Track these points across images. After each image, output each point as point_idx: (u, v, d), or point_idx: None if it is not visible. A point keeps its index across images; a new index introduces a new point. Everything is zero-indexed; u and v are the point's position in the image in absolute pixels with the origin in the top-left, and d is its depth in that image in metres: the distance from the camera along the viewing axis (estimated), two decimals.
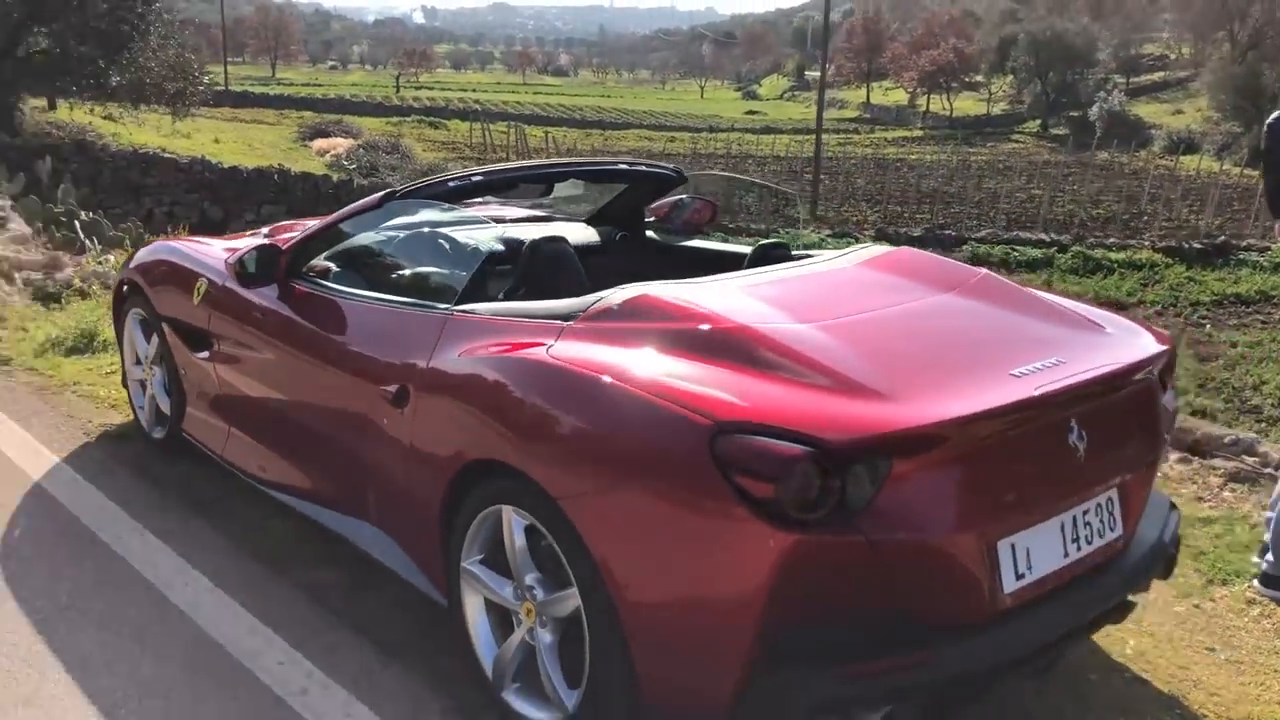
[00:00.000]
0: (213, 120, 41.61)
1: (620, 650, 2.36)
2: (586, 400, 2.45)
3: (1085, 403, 2.49)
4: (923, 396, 2.32)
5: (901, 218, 29.17)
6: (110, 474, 4.11)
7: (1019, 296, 2.98)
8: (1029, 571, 2.40)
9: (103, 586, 3.28)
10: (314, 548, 3.52)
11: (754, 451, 2.17)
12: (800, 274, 3.07)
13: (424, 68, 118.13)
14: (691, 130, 63.18)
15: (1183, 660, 3.12)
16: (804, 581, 2.18)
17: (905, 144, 59.31)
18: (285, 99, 64.46)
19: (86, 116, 24.69)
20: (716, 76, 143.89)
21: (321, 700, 2.75)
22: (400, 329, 3.08)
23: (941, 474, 2.26)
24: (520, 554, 2.60)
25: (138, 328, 4.40)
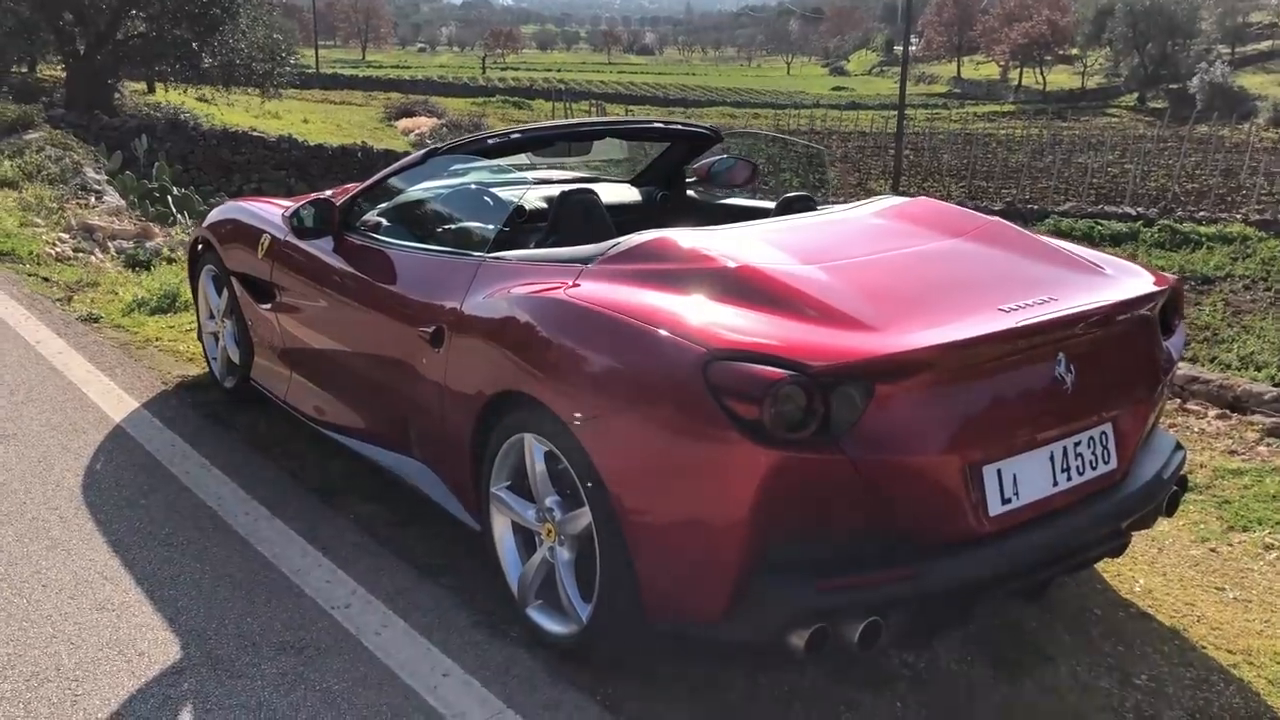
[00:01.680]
0: (303, 101, 42.70)
1: (625, 564, 2.55)
2: (595, 332, 2.63)
3: (1073, 337, 2.60)
4: (906, 327, 2.45)
5: (986, 192, 28.77)
6: (183, 418, 4.42)
7: (1025, 242, 3.07)
8: (1015, 497, 2.52)
9: (171, 513, 3.57)
10: (366, 483, 3.77)
11: (742, 376, 2.33)
12: (814, 222, 3.21)
13: (510, 48, 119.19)
14: (775, 107, 62.80)
15: (1190, 598, 3.20)
16: (789, 498, 2.34)
17: (995, 119, 58.20)
18: (373, 81, 65.74)
19: (181, 98, 25.62)
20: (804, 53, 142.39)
21: (361, 612, 2.99)
22: (439, 275, 3.29)
23: (924, 399, 2.39)
24: (541, 478, 2.80)
25: (210, 283, 4.71)
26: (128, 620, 2.93)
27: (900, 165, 29.99)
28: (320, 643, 2.85)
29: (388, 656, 2.79)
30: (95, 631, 2.87)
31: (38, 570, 3.18)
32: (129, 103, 23.24)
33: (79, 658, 2.75)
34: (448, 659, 2.79)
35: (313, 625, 2.93)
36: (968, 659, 2.84)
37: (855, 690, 2.70)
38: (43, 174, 10.06)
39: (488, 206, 3.57)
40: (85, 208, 9.27)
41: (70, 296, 6.32)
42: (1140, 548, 3.49)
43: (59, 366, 4.99)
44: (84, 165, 10.56)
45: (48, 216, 8.73)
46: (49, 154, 10.56)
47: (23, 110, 12.70)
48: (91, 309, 6.04)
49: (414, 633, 2.90)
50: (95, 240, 8.31)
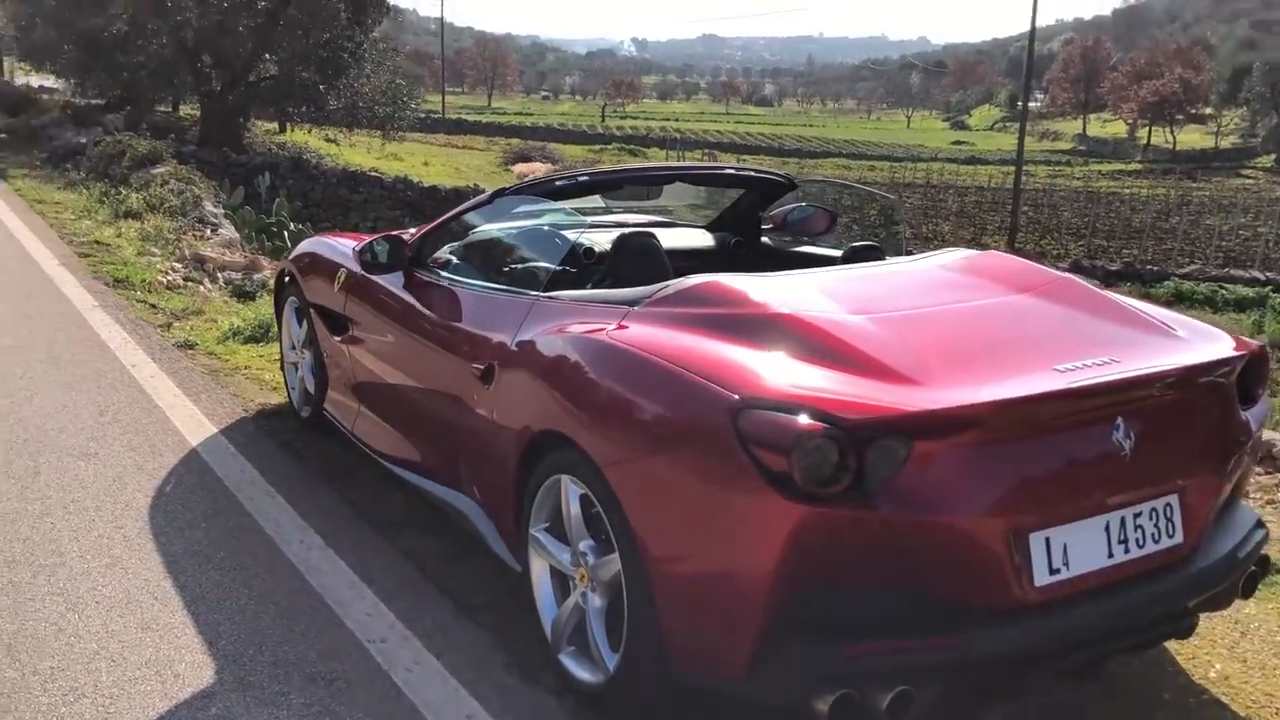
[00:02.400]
0: (426, 145, 43.99)
1: (651, 614, 2.48)
2: (630, 374, 2.59)
3: (1133, 401, 2.46)
4: (951, 383, 2.35)
5: (1106, 252, 27.93)
6: (258, 445, 4.52)
7: (1094, 300, 2.94)
8: (1065, 567, 2.38)
9: (230, 537, 3.63)
10: (423, 518, 3.77)
11: (772, 425, 2.26)
12: (874, 272, 3.12)
13: (630, 98, 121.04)
14: (892, 159, 62.28)
15: (1271, 688, 2.97)
16: (817, 554, 2.25)
17: (1120, 177, 56.63)
18: (496, 127, 67.45)
19: (309, 138, 26.66)
20: (925, 106, 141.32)
21: (396, 648, 2.98)
22: (494, 313, 3.30)
23: (966, 459, 2.28)
24: (576, 521, 2.76)
25: (293, 314, 4.82)
26: (170, 641, 2.97)
27: (1017, 221, 29.34)
28: (351, 676, 2.84)
29: (415, 694, 2.77)
30: (137, 650, 2.92)
31: (94, 587, 3.25)
32: (259, 141, 24.25)
33: (117, 675, 2.80)
34: (474, 701, 2.75)
35: (347, 658, 2.93)
36: None
37: None
38: (165, 206, 10.53)
39: (546, 247, 3.58)
40: (200, 239, 9.65)
41: (170, 323, 6.56)
42: (1221, 630, 3.27)
43: (148, 390, 5.16)
44: (204, 199, 11.02)
45: (164, 246, 9.12)
46: (172, 187, 11.06)
47: (153, 146, 13.37)
48: (189, 336, 6.25)
49: (445, 672, 2.88)
50: (205, 270, 8.63)
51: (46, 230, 9.57)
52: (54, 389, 5.12)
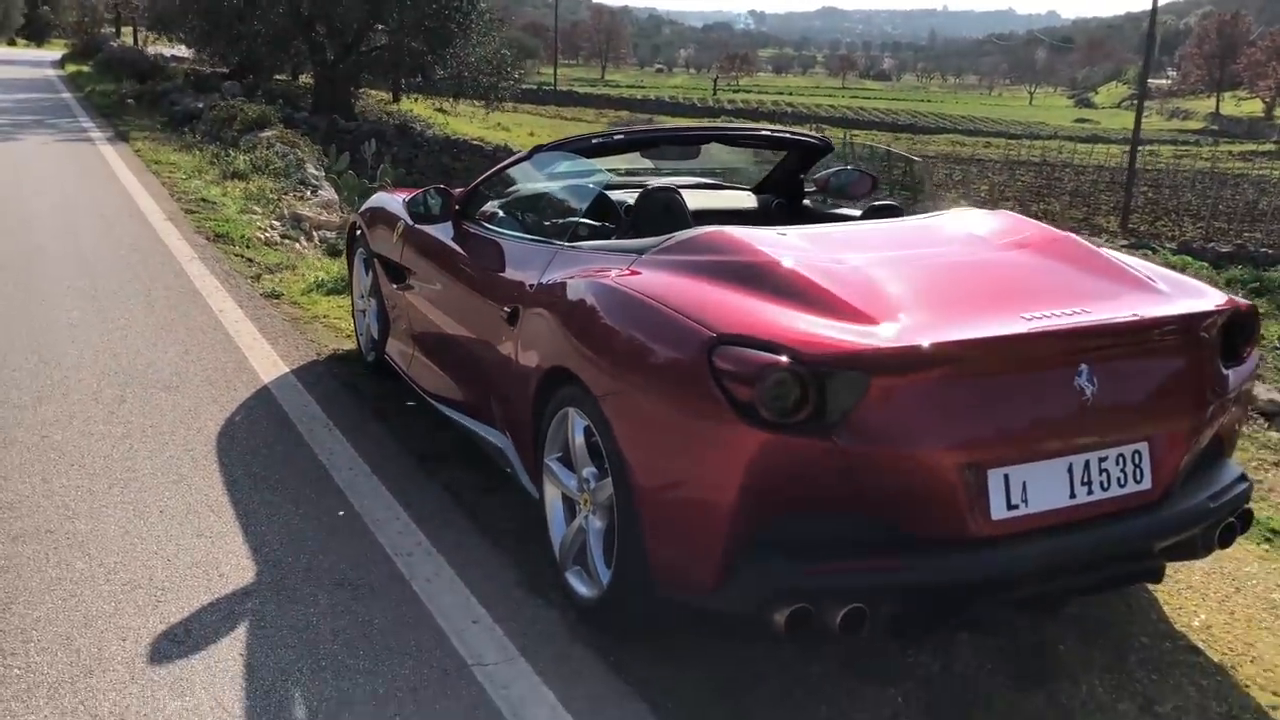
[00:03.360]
0: (535, 116, 44.56)
1: (637, 534, 2.70)
2: (624, 314, 2.80)
3: (1097, 349, 2.57)
4: (915, 325, 2.50)
5: (1226, 234, 26.90)
6: (323, 384, 4.86)
7: (1085, 257, 3.03)
8: (1024, 504, 2.51)
9: (285, 463, 3.96)
10: (465, 454, 4.05)
11: (741, 360, 2.45)
12: (876, 227, 3.26)
13: (744, 71, 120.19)
14: (1009, 136, 60.65)
15: (1252, 638, 3.05)
16: (780, 480, 2.44)
17: (1252, 159, 54.14)
18: (607, 99, 67.76)
19: (421, 108, 27.36)
20: (1049, 83, 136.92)
21: (420, 562, 3.26)
22: (522, 260, 3.54)
23: (923, 396, 2.43)
24: (580, 450, 2.99)
25: (361, 265, 5.15)
26: (219, 546, 3.30)
27: (1130, 201, 28.43)
28: (375, 583, 3.13)
29: (430, 600, 3.04)
30: (190, 553, 3.26)
31: (160, 499, 3.61)
32: (371, 109, 25.00)
33: (169, 573, 3.14)
34: (482, 608, 3.01)
35: (374, 568, 3.22)
36: (986, 667, 2.83)
37: (861, 682, 2.74)
38: (270, 168, 11.07)
39: (574, 200, 3.80)
40: (300, 200, 10.14)
41: (260, 275, 6.98)
42: (1215, 585, 3.34)
43: (231, 333, 5.56)
44: (306, 162, 11.54)
45: (265, 206, 9.62)
46: (278, 150, 11.60)
47: (262, 110, 14.00)
48: (276, 287, 6.66)
49: (460, 583, 3.15)
50: (302, 229, 9.08)
51: (159, 188, 10.18)
52: (147, 329, 5.56)
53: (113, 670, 2.66)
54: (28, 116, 17.05)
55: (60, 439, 4.10)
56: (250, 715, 2.51)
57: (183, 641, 2.79)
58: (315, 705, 2.56)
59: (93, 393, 4.59)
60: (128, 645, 2.77)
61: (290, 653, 2.76)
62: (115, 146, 13.48)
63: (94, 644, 2.77)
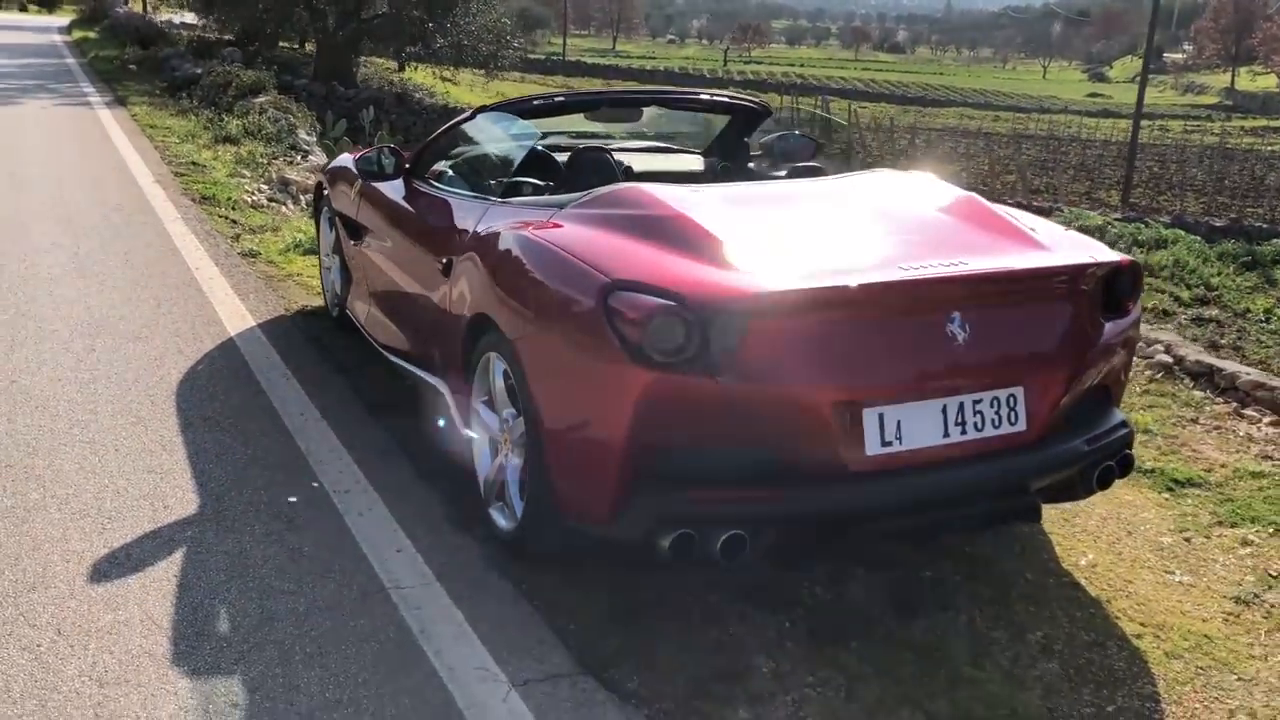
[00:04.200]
0: (543, 86, 44.43)
1: (544, 468, 2.89)
2: (534, 262, 2.99)
3: (970, 298, 2.74)
4: (794, 274, 2.68)
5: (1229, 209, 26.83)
6: (288, 337, 5.06)
7: (978, 214, 3.19)
8: (898, 441, 2.69)
9: (241, 408, 4.17)
10: (415, 403, 4.24)
11: (631, 303, 2.63)
12: (785, 187, 3.44)
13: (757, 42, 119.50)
14: (1019, 110, 60.25)
15: (1132, 577, 3.24)
16: (665, 415, 2.63)
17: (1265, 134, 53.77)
18: (615, 69, 67.52)
19: (427, 77, 27.40)
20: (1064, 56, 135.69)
21: (355, 497, 3.46)
22: (459, 215, 3.72)
23: (801, 338, 2.62)
24: (500, 393, 3.18)
25: (326, 223, 5.33)
26: (168, 481, 3.51)
27: (1131, 175, 28.33)
28: (310, 516, 3.33)
29: (359, 532, 3.25)
30: (139, 486, 3.46)
31: (117, 439, 3.82)
32: (374, 77, 25.09)
33: (118, 504, 3.35)
34: (407, 540, 3.22)
35: (312, 503, 3.42)
36: (874, 599, 3.02)
37: (753, 607, 2.94)
38: (262, 133, 11.23)
39: (509, 158, 3.96)
40: (290, 164, 10.30)
41: (239, 235, 7.17)
42: (1109, 529, 3.52)
43: (205, 289, 5.75)
44: (298, 127, 11.70)
45: (255, 169, 9.79)
46: (270, 116, 11.76)
47: (257, 76, 14.14)
48: (254, 246, 6.85)
49: (390, 517, 3.35)
50: (289, 193, 9.25)
51: (151, 151, 10.36)
52: (123, 284, 5.76)
53: (54, 587, 2.87)
54: (30, 81, 17.22)
55: (28, 383, 4.30)
56: (177, 627, 2.71)
57: (122, 564, 3.00)
58: (239, 620, 2.77)
59: (64, 342, 4.80)
60: (70, 566, 2.98)
61: (222, 575, 2.97)
62: (113, 110, 13.66)
63: (39, 565, 2.98)
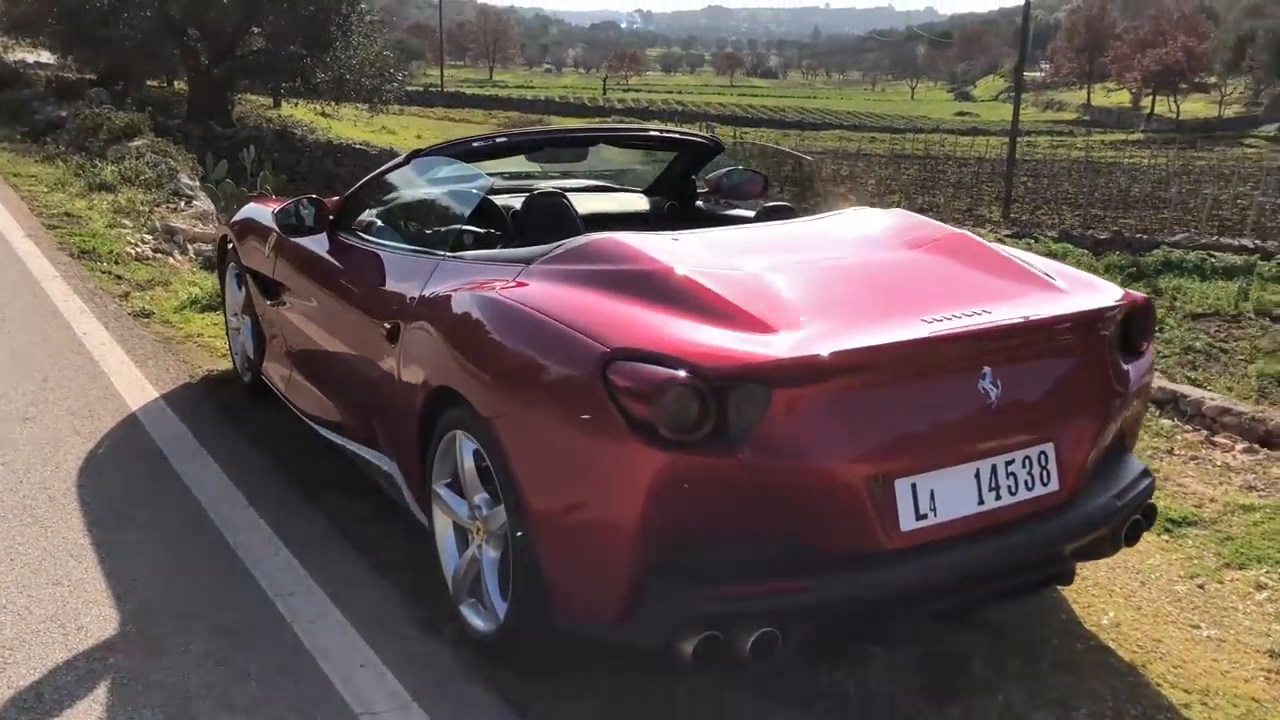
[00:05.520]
0: (423, 119, 43.88)
1: (534, 562, 2.53)
2: (512, 329, 2.63)
3: (999, 351, 2.49)
4: (813, 333, 2.39)
5: (1102, 221, 27.78)
6: (197, 409, 4.57)
7: (982, 255, 2.96)
8: (933, 513, 2.42)
9: (154, 497, 3.68)
10: (348, 480, 3.82)
11: (637, 375, 2.30)
12: (770, 231, 3.16)
13: (633, 70, 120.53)
14: (894, 131, 61.92)
15: (1160, 634, 3.02)
16: (682, 502, 2.30)
17: (1124, 147, 56.18)
18: (496, 100, 67.19)
19: (303, 112, 26.59)
20: (930, 78, 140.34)
21: (303, 602, 3.03)
22: (402, 273, 3.34)
23: (827, 406, 2.32)
24: (470, 475, 2.81)
25: (233, 280, 4.86)
26: (79, 596, 3.03)
27: (1010, 191, 29.21)
28: (254, 628, 2.90)
29: (314, 645, 2.83)
30: (44, 605, 2.97)
31: (10, 546, 3.31)
32: (250, 115, 24.23)
33: (20, 629, 2.85)
34: (370, 650, 2.81)
35: (253, 611, 2.98)
36: (901, 683, 2.73)
37: (773, 705, 2.62)
38: (140, 179, 10.55)
39: (456, 208, 3.60)
40: (174, 211, 9.67)
41: (129, 293, 6.59)
42: (1121, 580, 3.32)
43: (95, 356, 5.20)
44: (179, 171, 11.03)
45: (136, 219, 9.13)
46: (148, 160, 11.07)
47: (130, 119, 13.36)
48: (146, 305, 6.29)
49: (346, 624, 2.93)
50: (176, 242, 8.65)
51: (18, 203, 9.59)
52: (0, 356, 5.17)
53: None
54: None
55: None
56: None
57: (31, 709, 2.53)
58: None
59: None
60: None
61: (156, 714, 2.52)
62: None
63: None
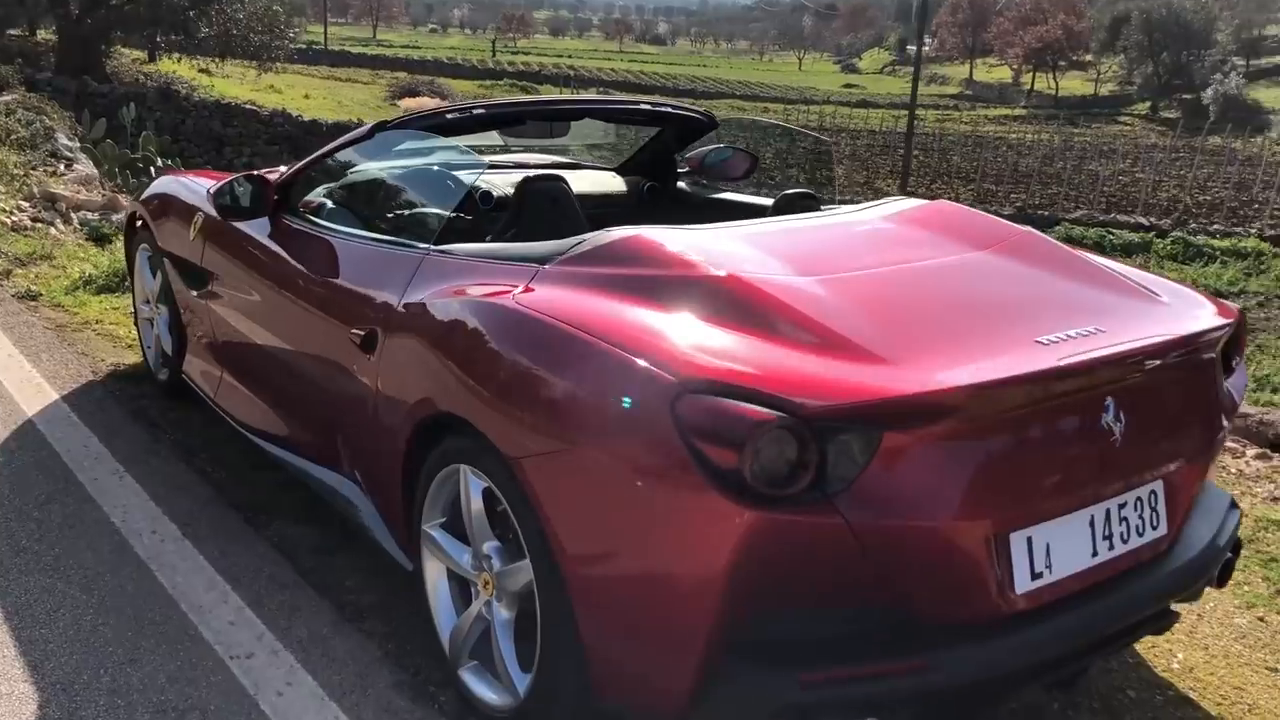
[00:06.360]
0: (307, 77, 42.13)
1: (569, 632, 2.09)
2: (546, 351, 2.16)
3: (1124, 379, 2.14)
4: (925, 361, 1.99)
5: (995, 196, 28.24)
6: (105, 414, 3.96)
7: (1064, 258, 2.61)
8: (1048, 570, 2.06)
9: (67, 530, 3.11)
10: (295, 501, 3.31)
11: (719, 415, 1.87)
12: (816, 225, 2.74)
13: (522, 33, 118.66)
14: (785, 101, 62.23)
15: (1238, 679, 2.74)
16: (771, 568, 1.88)
17: (1006, 122, 57.58)
18: (382, 59, 65.20)
19: (182, 69, 25.08)
20: (816, 49, 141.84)
21: (265, 665, 2.53)
22: (375, 269, 2.84)
23: (943, 451, 1.93)
24: (477, 519, 2.35)
25: (145, 264, 4.25)
26: None
27: (909, 165, 29.47)
28: (209, 704, 2.39)
29: None
30: None
31: None
32: (125, 70, 22.71)
33: None
34: None
35: (204, 680, 2.47)
36: None
37: None
38: (12, 139, 9.57)
39: (436, 191, 3.10)
40: (53, 175, 8.80)
41: (11, 270, 5.85)
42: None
43: None
44: (57, 131, 10.07)
45: (10, 184, 8.24)
46: (20, 118, 10.06)
47: None
48: (32, 285, 5.57)
49: (322, 694, 2.44)
50: (58, 210, 7.85)
51: None
52: None
53: None
54: None
55: None
56: None
57: None
58: None
59: None
60: None
61: None
62: None
63: None
